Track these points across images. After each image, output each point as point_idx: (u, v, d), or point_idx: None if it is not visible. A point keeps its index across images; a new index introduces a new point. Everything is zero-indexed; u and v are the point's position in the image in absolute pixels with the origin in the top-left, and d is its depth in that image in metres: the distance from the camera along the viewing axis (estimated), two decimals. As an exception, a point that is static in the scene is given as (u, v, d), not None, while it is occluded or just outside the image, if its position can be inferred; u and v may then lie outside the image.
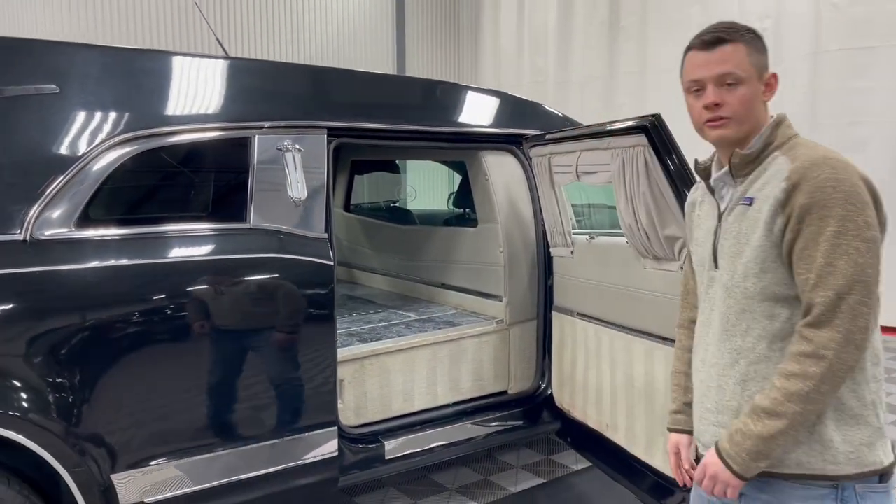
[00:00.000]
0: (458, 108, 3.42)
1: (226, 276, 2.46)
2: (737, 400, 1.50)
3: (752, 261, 1.47)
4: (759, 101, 1.52)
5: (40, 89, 2.29)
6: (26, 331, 2.12)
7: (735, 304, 1.51)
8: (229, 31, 8.62)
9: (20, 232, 2.16)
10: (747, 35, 1.52)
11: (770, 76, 1.53)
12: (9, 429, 2.05)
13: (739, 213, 1.52)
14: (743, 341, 1.50)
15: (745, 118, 1.50)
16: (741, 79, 1.49)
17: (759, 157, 1.51)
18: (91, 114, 2.37)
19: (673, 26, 8.01)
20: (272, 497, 2.58)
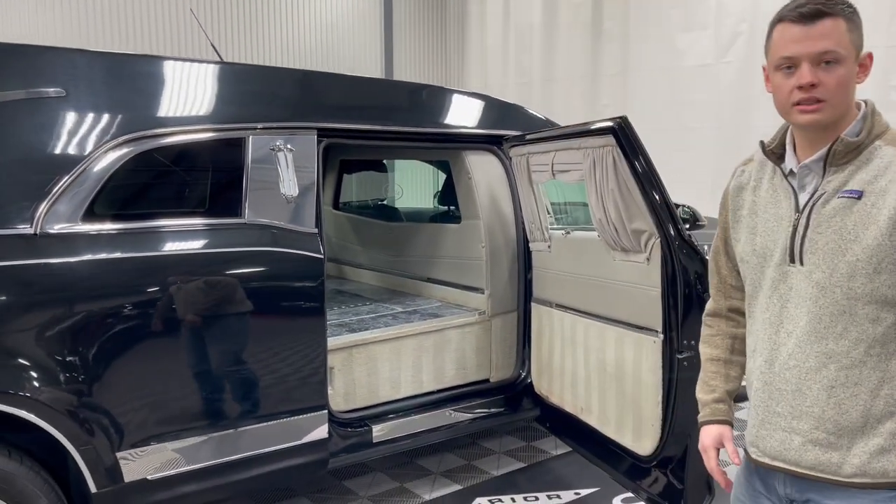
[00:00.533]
0: (443, 110, 3.60)
1: (222, 268, 2.63)
2: (820, 406, 1.40)
3: (865, 260, 1.35)
4: (853, 83, 1.38)
5: (48, 93, 2.44)
6: (37, 318, 2.27)
7: (832, 305, 1.39)
8: (216, 32, 8.73)
9: (30, 226, 2.32)
10: (847, 9, 1.36)
11: (866, 56, 1.40)
12: (22, 409, 2.21)
13: (842, 206, 1.37)
14: (836, 345, 1.39)
15: (840, 102, 1.37)
16: (842, 57, 1.34)
17: (860, 146, 1.38)
18: (95, 116, 2.52)
19: (653, 29, 8.22)
20: (268, 476, 2.76)
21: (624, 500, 3.37)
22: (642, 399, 2.71)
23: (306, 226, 2.86)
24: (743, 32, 7.33)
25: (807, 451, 1.42)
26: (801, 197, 1.44)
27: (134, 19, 8.26)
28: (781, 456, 1.46)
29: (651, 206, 2.56)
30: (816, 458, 1.41)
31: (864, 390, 1.37)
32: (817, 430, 1.41)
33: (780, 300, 1.46)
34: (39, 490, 2.26)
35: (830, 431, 1.40)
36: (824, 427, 1.40)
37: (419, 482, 3.59)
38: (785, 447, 1.45)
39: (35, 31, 7.50)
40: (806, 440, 1.42)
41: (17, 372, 2.22)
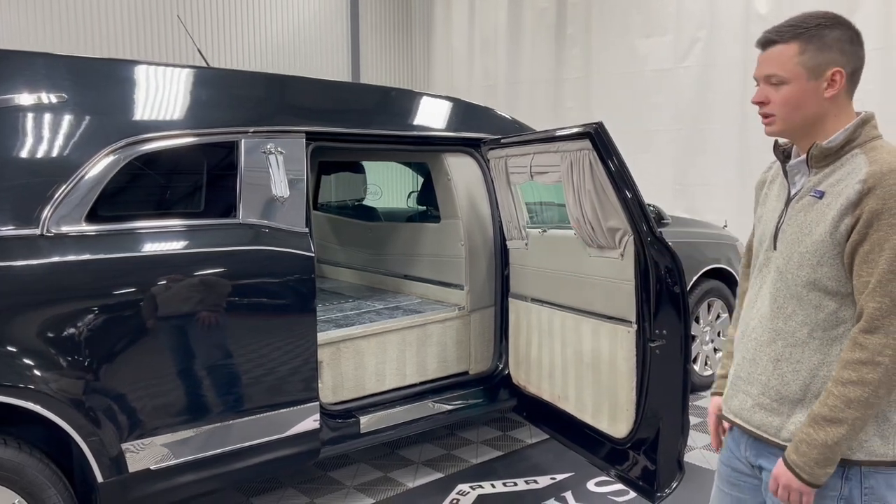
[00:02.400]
0: (423, 114, 3.75)
1: (219, 267, 2.74)
2: (767, 375, 1.60)
3: (811, 252, 1.52)
4: (811, 98, 1.54)
5: (50, 98, 2.53)
6: (44, 315, 2.36)
7: (785, 289, 1.57)
8: (183, 34, 8.74)
9: (36, 228, 2.41)
10: (807, 33, 1.53)
11: (833, 72, 1.52)
12: (32, 402, 2.30)
13: (808, 203, 1.55)
14: (785, 324, 1.57)
15: (788, 116, 1.56)
16: (786, 79, 1.54)
17: (839, 152, 1.53)
18: (95, 120, 2.62)
19: (615, 34, 8.48)
20: (264, 465, 2.88)
21: (598, 483, 3.56)
22: (617, 385, 2.91)
23: (297, 225, 2.99)
24: (701, 38, 7.63)
25: (755, 412, 1.64)
26: (791, 192, 1.63)
27: (107, 25, 8.24)
28: (739, 414, 1.69)
29: (625, 205, 2.75)
30: (762, 420, 1.63)
31: (804, 368, 1.55)
32: (763, 396, 1.62)
33: (761, 281, 1.67)
34: (48, 480, 2.35)
35: (773, 398, 1.60)
36: (768, 394, 1.61)
37: (402, 471, 3.74)
38: (741, 407, 1.68)
39: (19, 37, 7.45)
40: (755, 403, 1.64)
41: (26, 367, 2.31)
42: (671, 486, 2.80)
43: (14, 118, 2.46)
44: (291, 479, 3.62)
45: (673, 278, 2.79)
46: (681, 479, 2.82)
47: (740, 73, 7.49)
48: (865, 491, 1.52)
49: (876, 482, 1.52)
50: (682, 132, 7.95)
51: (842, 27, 1.55)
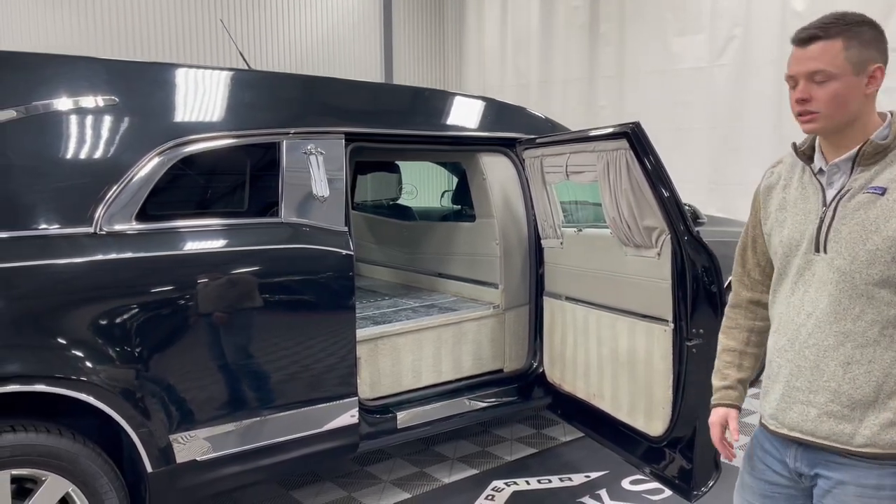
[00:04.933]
0: (459, 115, 3.80)
1: (262, 264, 2.81)
2: (836, 381, 1.55)
3: (884, 249, 1.49)
4: (855, 94, 1.55)
5: (102, 101, 2.63)
6: (98, 310, 2.46)
7: (851, 289, 1.53)
8: (216, 36, 8.89)
9: (91, 226, 2.50)
10: (849, 30, 1.54)
11: (875, 69, 1.55)
12: (84, 393, 2.39)
13: (867, 200, 1.53)
14: (854, 325, 1.53)
15: (834, 113, 1.55)
16: (832, 75, 1.53)
17: (886, 149, 1.55)
18: (144, 122, 2.71)
19: (649, 32, 8.44)
20: (304, 458, 2.96)
21: (632, 482, 3.58)
22: (654, 384, 2.92)
23: (337, 224, 3.05)
24: (737, 36, 7.56)
25: (822, 422, 1.57)
26: (828, 193, 1.59)
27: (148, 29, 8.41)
28: (799, 427, 1.61)
29: (662, 204, 2.77)
30: (831, 429, 1.55)
31: (877, 367, 1.51)
32: (833, 403, 1.55)
33: (803, 286, 1.62)
34: (100, 470, 2.44)
35: (845, 404, 1.54)
36: (839, 400, 1.54)
37: (438, 467, 3.79)
38: (803, 419, 1.60)
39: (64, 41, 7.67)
40: (822, 412, 1.57)
41: (80, 360, 2.40)
42: (707, 484, 2.81)
43: (69, 121, 2.55)
44: (329, 472, 3.70)
45: (710, 277, 2.79)
46: (717, 477, 2.83)
47: (776, 71, 7.40)
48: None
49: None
50: (717, 131, 7.89)
51: (874, 26, 1.57)
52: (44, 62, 2.61)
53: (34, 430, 2.32)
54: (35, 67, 2.57)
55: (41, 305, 2.36)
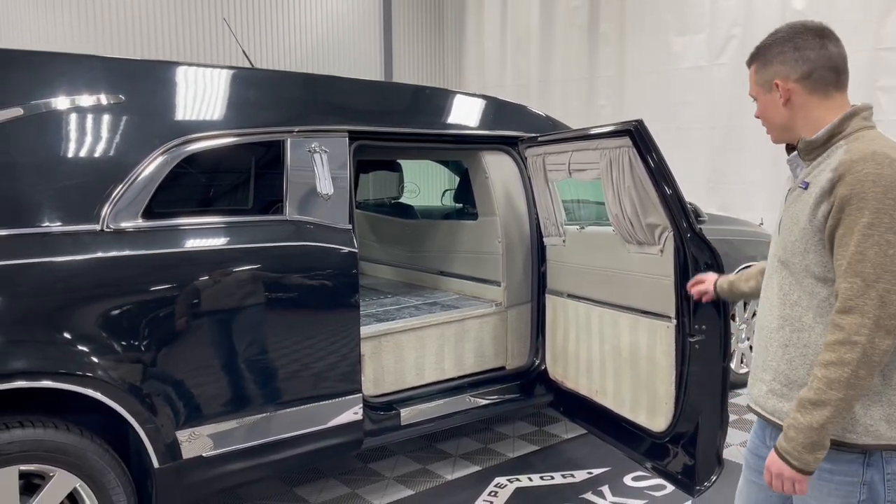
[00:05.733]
0: (461, 113, 3.81)
1: (267, 262, 2.83)
2: (776, 361, 1.67)
3: (799, 241, 1.61)
4: (773, 109, 1.70)
5: (109, 100, 2.64)
6: (105, 307, 2.47)
7: (790, 276, 1.65)
8: (215, 35, 8.90)
9: (97, 224, 2.52)
10: (759, 55, 1.73)
11: (775, 83, 1.68)
12: (92, 389, 2.41)
13: (797, 195, 1.65)
14: (791, 310, 1.64)
15: (769, 127, 1.75)
16: (755, 97, 1.75)
17: (825, 144, 1.62)
18: (150, 121, 2.72)
19: (649, 32, 8.46)
20: (309, 455, 2.97)
21: (634, 478, 3.60)
22: (657, 380, 2.94)
23: (341, 222, 3.07)
24: (736, 36, 7.58)
25: (769, 398, 1.71)
26: (791, 185, 1.75)
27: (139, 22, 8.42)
28: (757, 401, 1.77)
29: (665, 201, 2.79)
30: (774, 405, 1.70)
31: (810, 352, 1.61)
32: (774, 382, 1.69)
33: (769, 271, 1.77)
34: (108, 465, 2.46)
35: (783, 383, 1.67)
36: (779, 379, 1.68)
37: (440, 464, 3.81)
38: (758, 394, 1.76)
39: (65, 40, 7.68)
40: (768, 389, 1.71)
41: (88, 356, 2.42)
42: (710, 479, 2.83)
43: (75, 119, 2.57)
44: (333, 469, 3.71)
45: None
46: (720, 473, 2.85)
47: (776, 70, 7.43)
48: (888, 476, 1.57)
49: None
50: (717, 130, 7.92)
51: (781, 43, 1.69)
52: (51, 61, 2.62)
53: (42, 425, 2.33)
54: (42, 66, 2.58)
55: (48, 302, 2.38)
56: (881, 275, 1.46)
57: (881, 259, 1.47)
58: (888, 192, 1.47)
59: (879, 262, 1.46)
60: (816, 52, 1.66)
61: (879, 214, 1.46)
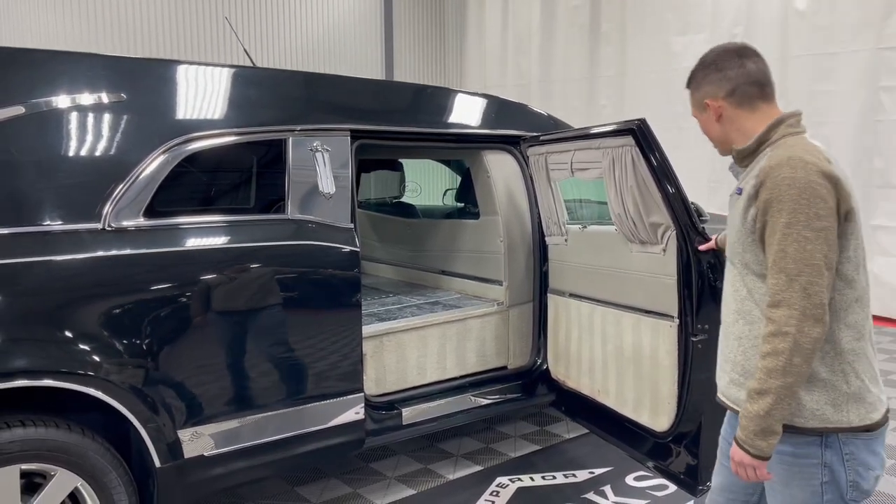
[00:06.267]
0: (463, 112, 3.80)
1: (269, 261, 2.82)
2: (734, 353, 1.80)
3: (737, 242, 1.77)
4: (710, 126, 1.88)
5: (110, 98, 2.64)
6: (106, 305, 2.46)
7: (736, 274, 1.80)
8: (217, 33, 8.90)
9: (99, 223, 2.51)
10: (692, 80, 1.91)
11: (706, 103, 1.86)
12: (93, 388, 2.40)
13: (734, 199, 1.81)
14: (742, 305, 1.77)
15: (713, 140, 1.91)
16: (695, 117, 1.93)
17: (755, 152, 1.77)
18: (151, 119, 2.71)
19: (650, 32, 8.45)
20: (310, 454, 2.96)
21: (636, 478, 3.59)
22: (659, 379, 2.93)
23: (343, 221, 3.06)
24: (738, 35, 7.58)
25: (730, 388, 1.83)
26: None
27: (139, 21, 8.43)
28: (722, 392, 1.88)
29: (667, 200, 2.78)
30: (735, 395, 1.81)
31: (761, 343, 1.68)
32: (733, 372, 1.81)
33: (726, 270, 1.90)
34: (109, 464, 2.45)
35: (740, 373, 1.78)
36: (737, 370, 1.79)
37: (442, 463, 3.80)
38: (722, 385, 1.88)
39: (66, 38, 7.67)
40: (730, 380, 1.83)
41: (89, 355, 2.41)
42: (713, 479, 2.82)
43: (76, 118, 2.56)
44: (334, 469, 3.71)
45: (715, 273, 2.81)
46: None
47: (777, 70, 7.41)
48: (847, 456, 1.67)
49: (856, 448, 1.67)
50: (717, 130, 7.91)
51: (706, 64, 1.87)
52: (53, 59, 2.61)
53: (43, 424, 2.33)
54: (44, 64, 2.57)
55: (50, 301, 2.37)
56: (802, 269, 1.58)
57: (801, 254, 1.58)
58: (802, 193, 1.59)
59: (800, 258, 1.58)
60: (736, 71, 1.81)
61: (796, 214, 1.59)
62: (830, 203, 1.60)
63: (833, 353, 1.66)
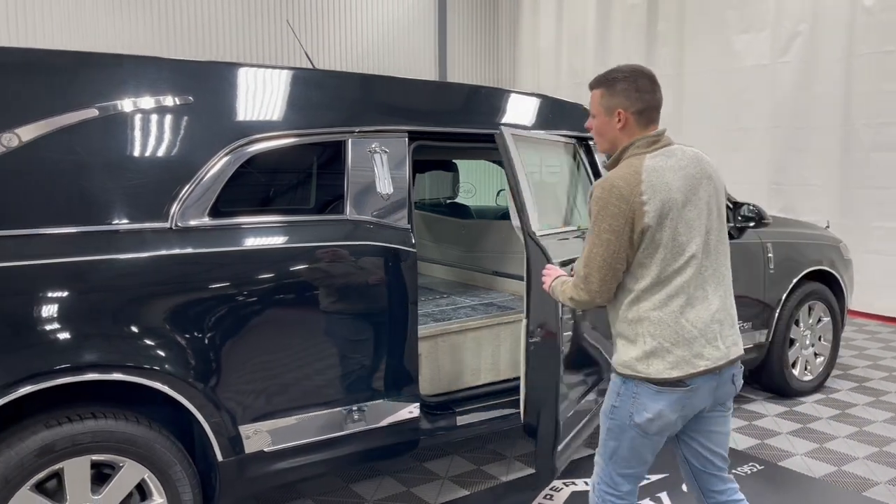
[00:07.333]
0: (519, 113, 3.79)
1: (328, 260, 2.86)
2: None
3: None
4: (608, 129, 2.22)
5: (178, 101, 2.71)
6: (173, 302, 2.53)
7: None
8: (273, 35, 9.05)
9: (166, 222, 2.59)
10: (605, 83, 2.23)
11: (618, 112, 2.18)
12: (159, 382, 2.47)
13: None
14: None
15: (598, 140, 2.29)
16: (593, 114, 2.27)
17: (615, 162, 2.23)
18: (217, 121, 2.78)
19: (710, 30, 8.28)
20: (366, 452, 2.99)
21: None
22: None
23: (400, 221, 3.08)
24: (802, 33, 7.37)
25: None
26: None
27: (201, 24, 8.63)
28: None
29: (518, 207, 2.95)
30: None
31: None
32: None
33: None
34: (174, 457, 2.52)
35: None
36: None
37: (495, 465, 3.79)
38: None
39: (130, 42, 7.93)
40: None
41: (155, 350, 2.49)
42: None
43: (146, 120, 2.64)
44: (388, 467, 3.73)
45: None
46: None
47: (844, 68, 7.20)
48: (634, 393, 2.16)
49: (641, 390, 2.14)
50: (779, 130, 7.70)
51: (628, 80, 2.19)
52: (125, 63, 2.69)
53: (113, 417, 2.41)
54: (115, 68, 2.65)
55: (119, 297, 2.45)
56: (587, 263, 2.15)
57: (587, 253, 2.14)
58: (598, 207, 2.10)
59: (586, 255, 2.15)
60: (650, 95, 2.19)
61: (593, 223, 2.12)
62: (613, 213, 2.06)
63: (637, 321, 2.13)
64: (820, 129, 7.35)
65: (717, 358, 2.14)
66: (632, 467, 2.25)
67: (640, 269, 2.12)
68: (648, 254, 2.10)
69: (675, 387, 2.12)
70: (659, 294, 2.11)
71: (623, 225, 2.06)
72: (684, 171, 2.13)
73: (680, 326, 2.10)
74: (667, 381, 2.11)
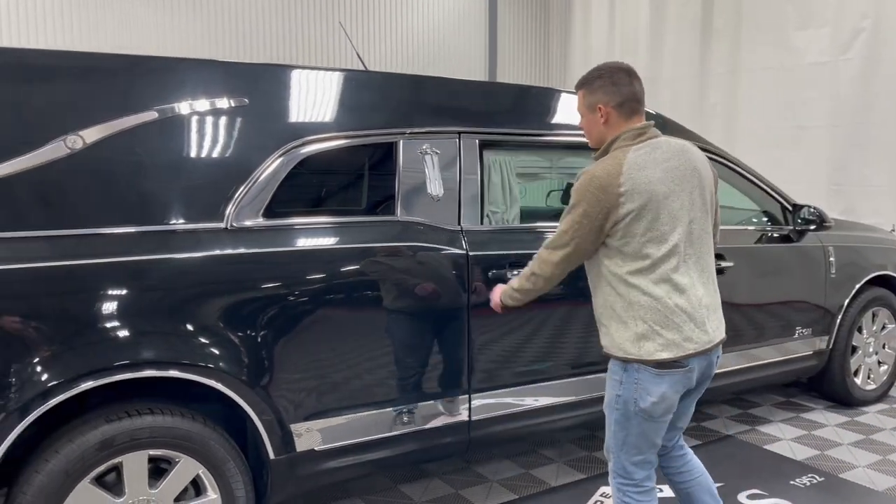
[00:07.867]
0: (570, 113, 3.73)
1: (380, 261, 2.87)
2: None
3: None
4: (593, 125, 2.41)
5: (234, 102, 2.75)
6: (228, 301, 2.57)
7: None
8: (322, 36, 9.13)
9: (222, 222, 2.63)
10: (586, 84, 2.42)
11: (598, 107, 2.36)
12: (214, 380, 2.51)
13: None
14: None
15: (588, 137, 2.47)
16: (580, 113, 2.47)
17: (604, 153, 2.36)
18: (271, 123, 2.81)
19: (767, 27, 8.06)
20: (415, 453, 3.00)
21: (749, 496, 3.43)
22: None
23: (450, 224, 3.08)
24: (865, 29, 7.12)
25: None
26: None
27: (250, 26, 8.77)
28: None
29: None
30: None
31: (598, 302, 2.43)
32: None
33: None
34: (228, 454, 2.56)
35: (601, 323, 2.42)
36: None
37: (544, 469, 3.76)
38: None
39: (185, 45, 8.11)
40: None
41: (210, 348, 2.53)
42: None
43: (202, 122, 2.68)
44: (437, 469, 3.73)
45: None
46: None
47: (907, 68, 6.92)
48: (636, 379, 2.26)
49: (642, 376, 2.25)
50: (840, 129, 7.45)
51: (604, 77, 2.38)
52: (182, 66, 2.74)
53: (170, 413, 2.45)
54: (173, 71, 2.71)
55: (175, 296, 2.49)
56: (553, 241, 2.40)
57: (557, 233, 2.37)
58: (576, 194, 2.28)
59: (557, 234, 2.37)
60: (627, 88, 2.34)
61: (571, 207, 2.30)
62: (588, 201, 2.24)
63: (631, 303, 2.25)
64: (882, 127, 7.09)
65: (705, 342, 2.27)
66: (642, 453, 2.35)
67: (625, 257, 2.25)
68: (630, 242, 2.23)
69: (674, 368, 2.24)
70: (646, 280, 2.23)
71: (597, 213, 2.22)
72: (668, 164, 2.25)
73: (670, 311, 2.21)
74: (663, 363, 2.22)
